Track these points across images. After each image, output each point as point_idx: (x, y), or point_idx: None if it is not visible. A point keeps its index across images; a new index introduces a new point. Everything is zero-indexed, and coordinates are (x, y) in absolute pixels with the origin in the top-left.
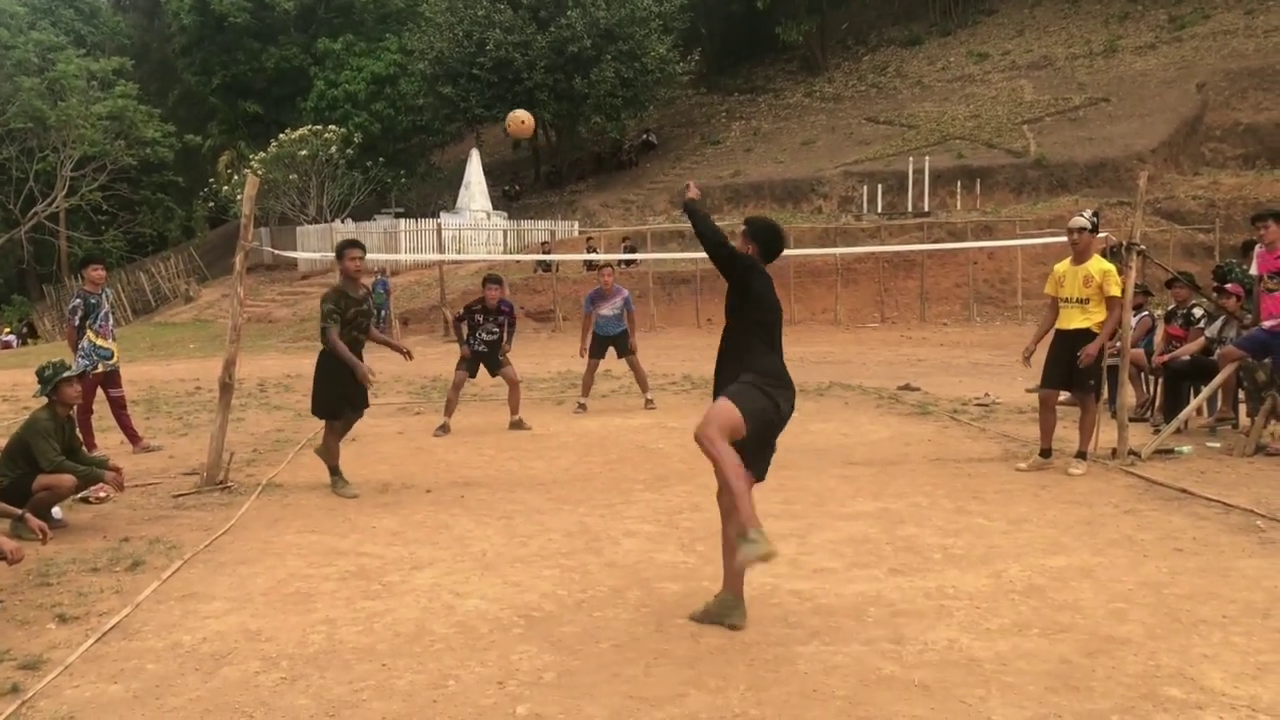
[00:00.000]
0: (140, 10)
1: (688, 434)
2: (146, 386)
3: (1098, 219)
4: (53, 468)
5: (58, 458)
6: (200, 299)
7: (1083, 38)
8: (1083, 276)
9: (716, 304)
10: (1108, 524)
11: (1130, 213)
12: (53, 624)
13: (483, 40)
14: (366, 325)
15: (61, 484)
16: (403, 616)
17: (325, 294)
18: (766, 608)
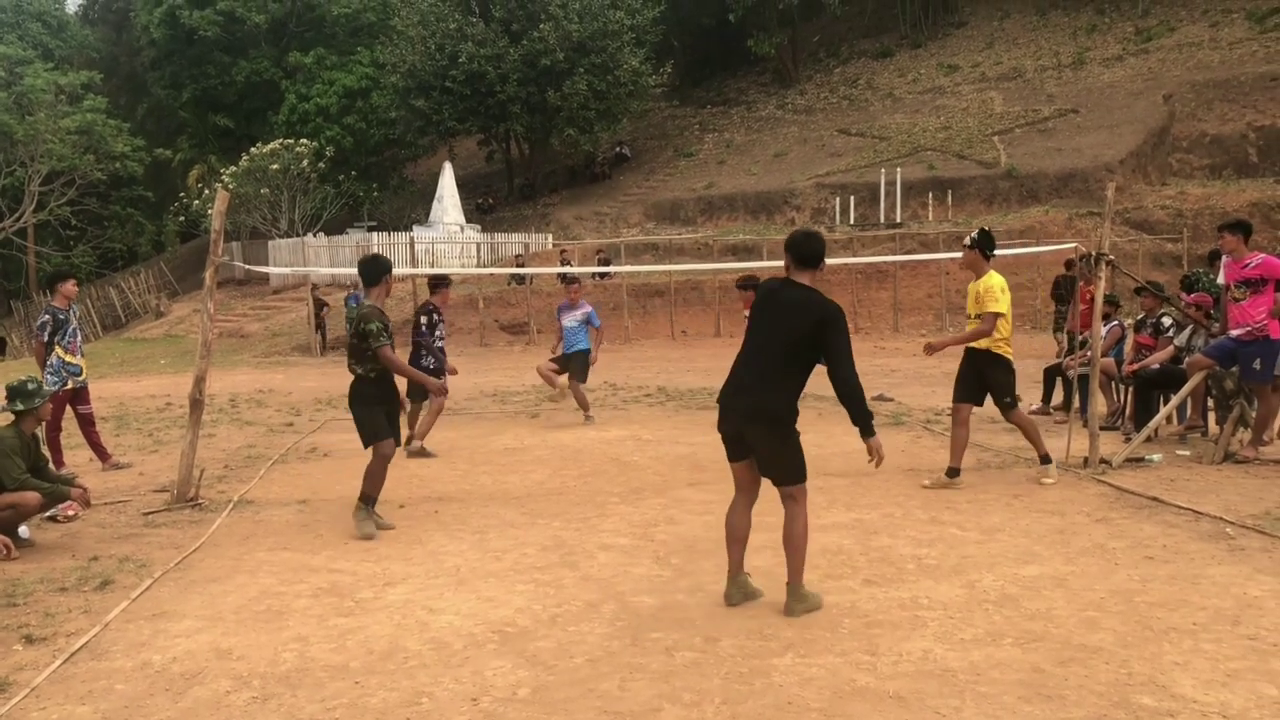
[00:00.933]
0: (109, 24)
1: (662, 446)
2: (116, 403)
3: (982, 235)
4: (16, 485)
5: (22, 475)
6: (171, 314)
7: (1051, 50)
8: (974, 294)
9: (690, 316)
10: (1080, 533)
11: (1100, 223)
12: (19, 645)
13: (455, 53)
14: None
15: (26, 501)
16: (375, 633)
17: (368, 312)
18: (742, 620)
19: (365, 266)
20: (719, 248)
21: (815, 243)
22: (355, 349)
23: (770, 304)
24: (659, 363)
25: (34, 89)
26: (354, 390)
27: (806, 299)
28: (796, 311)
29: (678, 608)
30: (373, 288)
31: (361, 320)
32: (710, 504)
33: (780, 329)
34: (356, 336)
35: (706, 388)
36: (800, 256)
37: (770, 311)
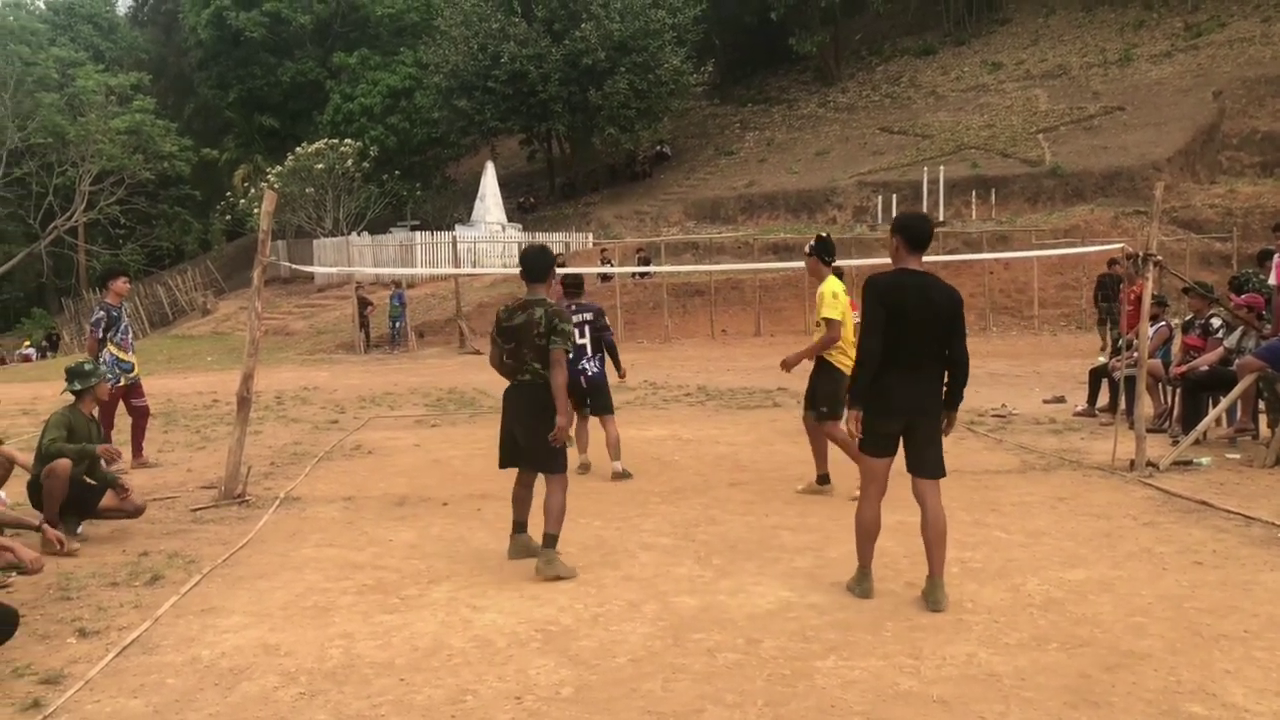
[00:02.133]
0: (158, 25)
1: (702, 445)
2: (164, 400)
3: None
4: (46, 451)
5: (51, 441)
6: (217, 311)
7: (1098, 46)
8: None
9: (730, 315)
10: (1126, 537)
11: (1146, 222)
12: (73, 638)
13: (497, 53)
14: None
15: (56, 470)
16: (420, 630)
17: (555, 310)
18: (784, 622)
19: (535, 259)
20: (760, 246)
21: (929, 225)
22: (541, 351)
23: (914, 297)
24: (699, 362)
25: (85, 90)
26: (541, 400)
27: (943, 286)
28: (942, 300)
29: (719, 608)
30: (540, 284)
31: (559, 318)
32: (751, 504)
33: (931, 321)
34: (546, 335)
35: (747, 387)
36: (919, 239)
37: (915, 304)
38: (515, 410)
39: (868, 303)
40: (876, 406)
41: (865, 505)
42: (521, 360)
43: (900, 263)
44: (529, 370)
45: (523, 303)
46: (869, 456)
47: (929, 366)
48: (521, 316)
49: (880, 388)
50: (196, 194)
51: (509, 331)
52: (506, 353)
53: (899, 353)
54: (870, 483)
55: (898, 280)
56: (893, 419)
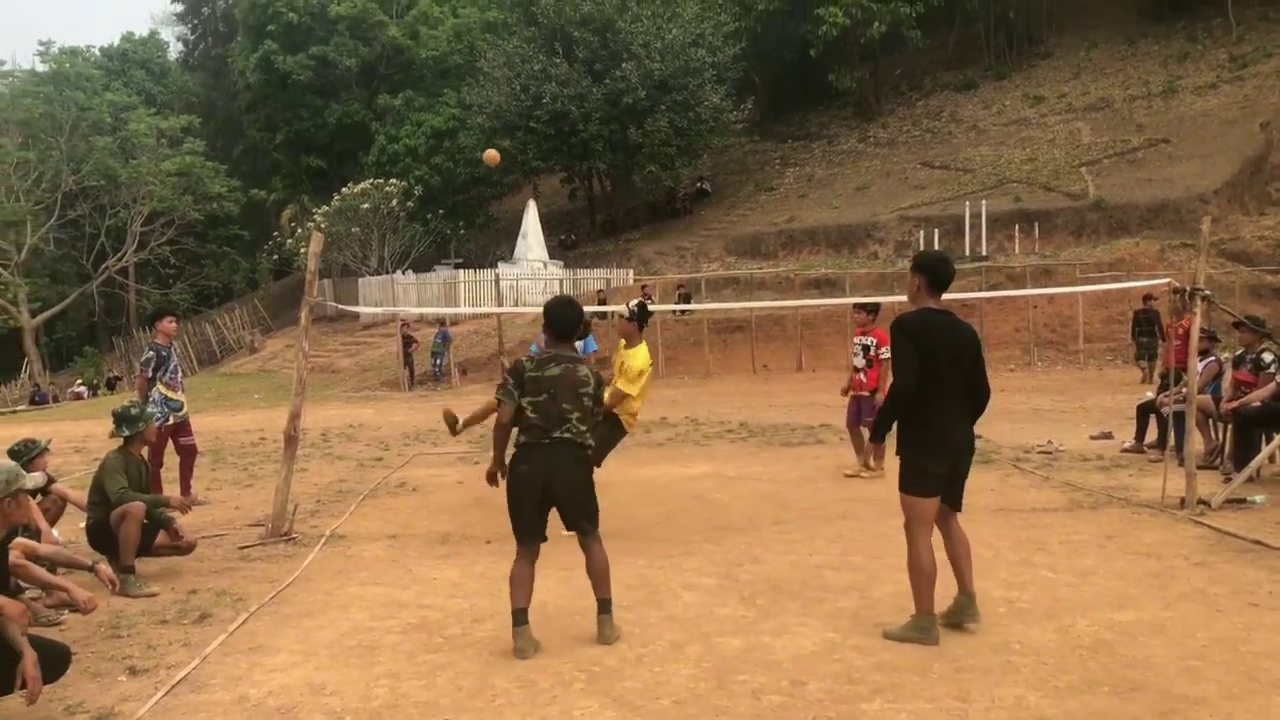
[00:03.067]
0: (208, 70)
1: (745, 483)
2: (212, 437)
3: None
4: (117, 500)
5: (122, 489)
6: (264, 349)
7: (1141, 79)
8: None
9: (771, 351)
10: (1178, 577)
11: (1194, 255)
12: (124, 676)
13: (539, 94)
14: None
15: (131, 511)
16: (465, 670)
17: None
18: (829, 664)
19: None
20: (800, 281)
21: (950, 265)
22: (589, 411)
23: (946, 336)
24: (740, 398)
25: (137, 134)
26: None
27: (964, 324)
28: (971, 338)
29: (764, 649)
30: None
31: (600, 381)
32: (795, 543)
33: (965, 359)
34: (595, 396)
35: (789, 423)
36: (941, 280)
37: (948, 343)
38: (550, 467)
39: (900, 342)
40: (928, 449)
41: (921, 549)
42: (559, 415)
43: (920, 302)
44: (570, 428)
45: (553, 355)
46: (920, 498)
47: (965, 404)
48: (556, 369)
49: (931, 430)
50: (244, 234)
51: (541, 383)
52: (534, 406)
53: (942, 394)
54: (922, 525)
55: (926, 319)
56: (945, 460)
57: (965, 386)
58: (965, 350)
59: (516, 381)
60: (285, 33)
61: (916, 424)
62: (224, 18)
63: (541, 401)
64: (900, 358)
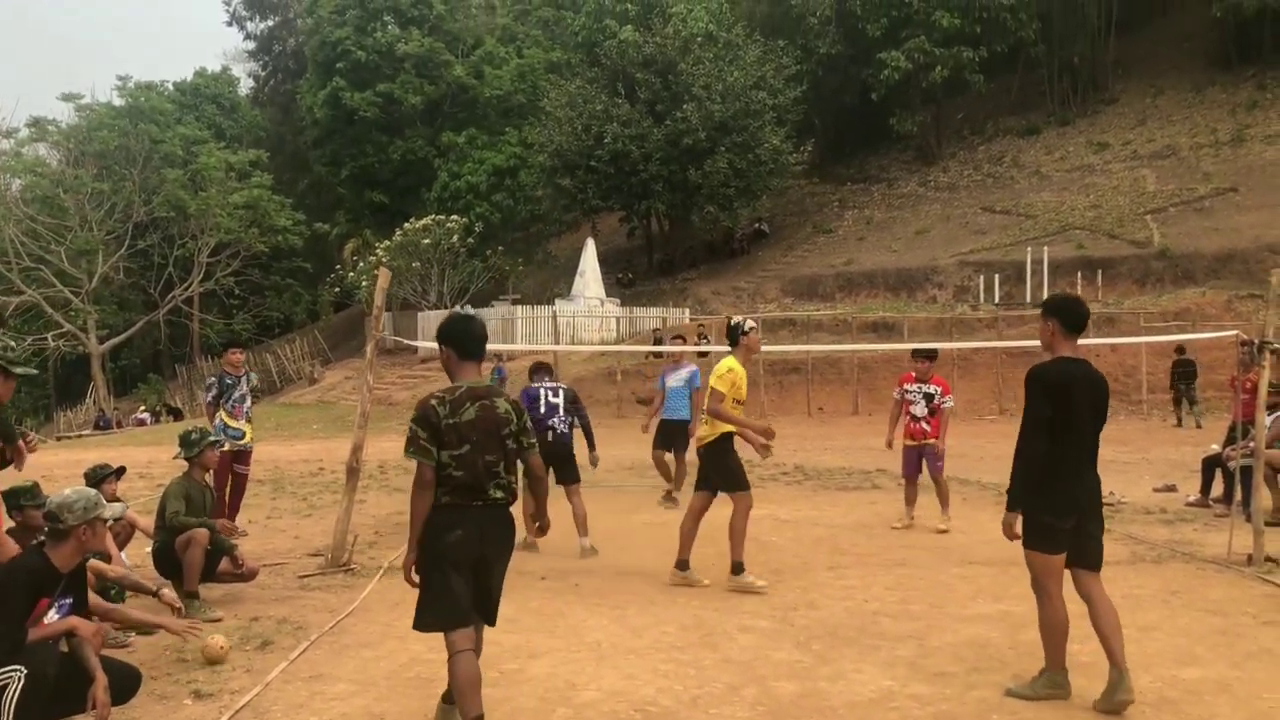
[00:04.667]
0: (276, 105)
1: (800, 527)
2: (272, 466)
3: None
4: (170, 523)
5: (174, 514)
6: (324, 380)
7: (1208, 127)
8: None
9: (828, 393)
10: (1245, 635)
11: (1262, 306)
12: (189, 700)
13: (600, 134)
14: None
15: (196, 537)
16: (521, 706)
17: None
18: (885, 712)
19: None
20: (858, 324)
21: (1085, 307)
22: (512, 455)
23: (1083, 390)
24: (796, 440)
25: (207, 167)
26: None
27: (1099, 375)
28: (1105, 390)
29: (819, 695)
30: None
31: (523, 412)
32: (851, 589)
33: (1098, 410)
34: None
35: (845, 467)
36: (1077, 323)
37: (1084, 397)
38: (485, 541)
39: (1035, 397)
40: (1058, 505)
41: (1054, 605)
42: (486, 470)
43: (1057, 349)
44: (501, 485)
45: (467, 390)
46: (1047, 554)
47: (1091, 457)
48: (471, 409)
49: (1060, 485)
50: (307, 266)
51: (458, 431)
52: (458, 462)
53: (1072, 447)
54: (1051, 580)
55: (1066, 370)
56: (1071, 516)
57: (1094, 439)
58: (1100, 400)
59: (431, 435)
60: (353, 70)
61: (1047, 478)
62: (294, 55)
63: (463, 455)
64: (1035, 414)
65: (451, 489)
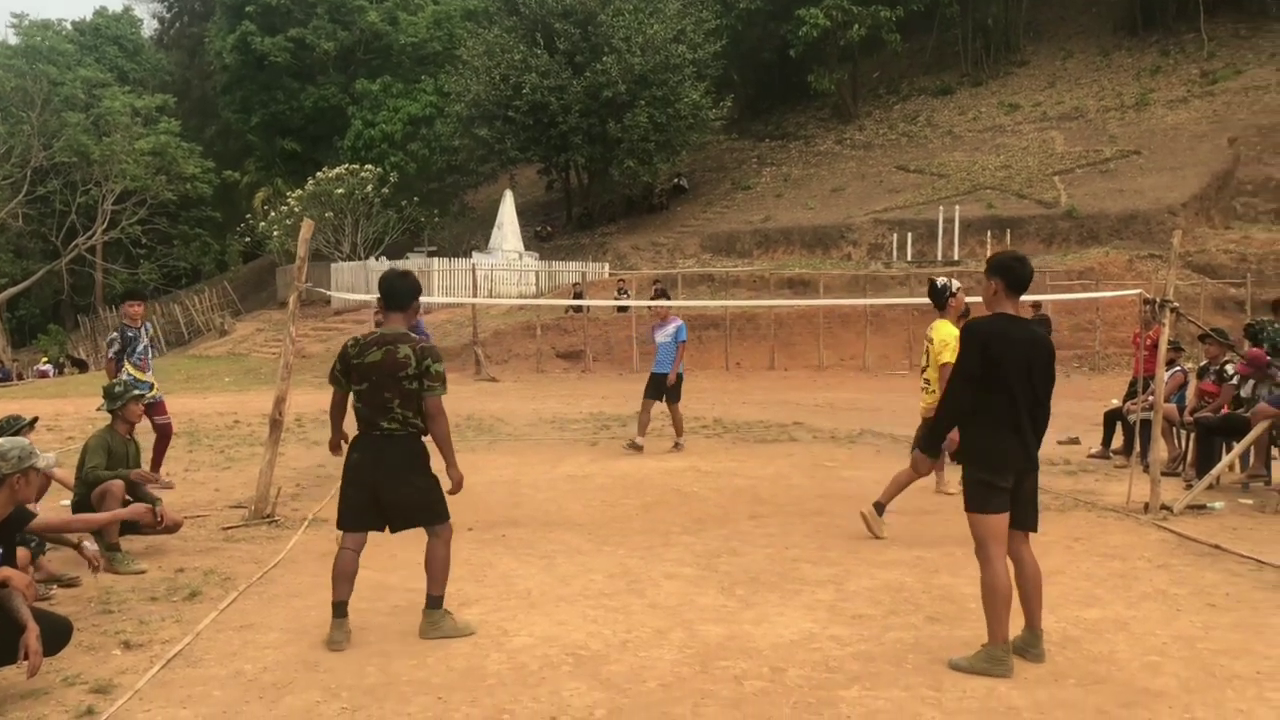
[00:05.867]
0: (183, 48)
1: (721, 478)
2: (186, 419)
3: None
4: (89, 478)
5: (93, 469)
6: (234, 332)
7: (1114, 90)
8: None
9: (745, 348)
10: (1141, 578)
11: (1162, 266)
12: (118, 650)
13: (519, 84)
14: None
15: (111, 489)
16: (454, 651)
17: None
18: (807, 652)
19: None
20: (775, 281)
21: (1029, 266)
22: (411, 397)
23: (1020, 348)
24: (714, 394)
25: (111, 111)
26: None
27: (1043, 336)
28: (1046, 351)
29: (744, 637)
30: (400, 314)
31: (429, 356)
32: (772, 537)
33: (1036, 371)
34: (418, 379)
35: (763, 420)
36: (1019, 282)
37: (1022, 355)
38: (378, 465)
39: (965, 350)
40: (994, 464)
41: (996, 569)
42: (382, 406)
43: (998, 307)
44: (395, 418)
45: (378, 336)
46: (989, 514)
47: (1034, 418)
48: (377, 353)
49: (998, 444)
50: (216, 215)
51: (361, 370)
52: (359, 396)
53: (1012, 406)
54: (994, 543)
55: (1001, 327)
56: (1009, 476)
57: (1034, 399)
58: (1039, 360)
59: (344, 367)
60: (263, 13)
61: (981, 435)
62: None
63: (364, 390)
64: (963, 367)
65: (359, 419)
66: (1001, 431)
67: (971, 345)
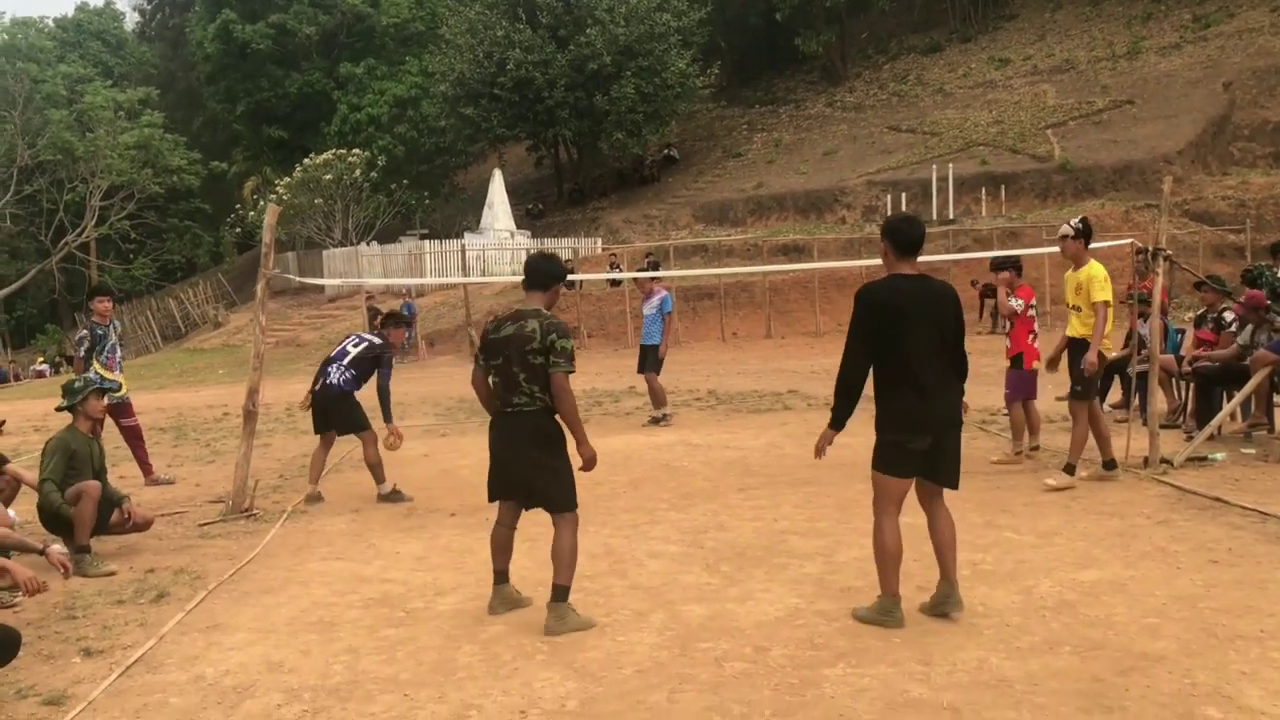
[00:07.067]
0: (165, 40)
1: (712, 450)
2: (175, 413)
3: (1084, 225)
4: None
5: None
6: (228, 324)
7: (1105, 40)
8: (1074, 284)
9: (740, 318)
10: (1140, 536)
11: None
12: (78, 658)
13: (503, 60)
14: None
15: (87, 490)
16: (426, 644)
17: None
18: (792, 629)
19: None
20: (769, 248)
21: (919, 227)
22: (538, 371)
23: (914, 302)
24: (709, 365)
25: (94, 106)
26: (544, 429)
27: (940, 285)
28: (949, 300)
29: (727, 616)
30: (539, 293)
31: (554, 332)
32: (761, 510)
33: (937, 324)
34: (544, 353)
35: (757, 390)
36: (907, 244)
37: (919, 310)
38: (512, 442)
39: (856, 315)
40: (904, 424)
41: (887, 528)
42: (512, 382)
43: (891, 269)
44: (524, 393)
45: (514, 312)
46: (890, 476)
47: (945, 373)
48: (510, 328)
49: (905, 404)
50: (206, 207)
51: (495, 345)
52: (494, 370)
53: (915, 362)
54: (890, 503)
55: (893, 286)
56: (923, 436)
57: (943, 354)
58: (944, 313)
59: (483, 344)
60: (243, 1)
61: (889, 397)
62: None
63: (499, 365)
64: (853, 331)
65: (496, 397)
66: (907, 392)
67: (860, 308)
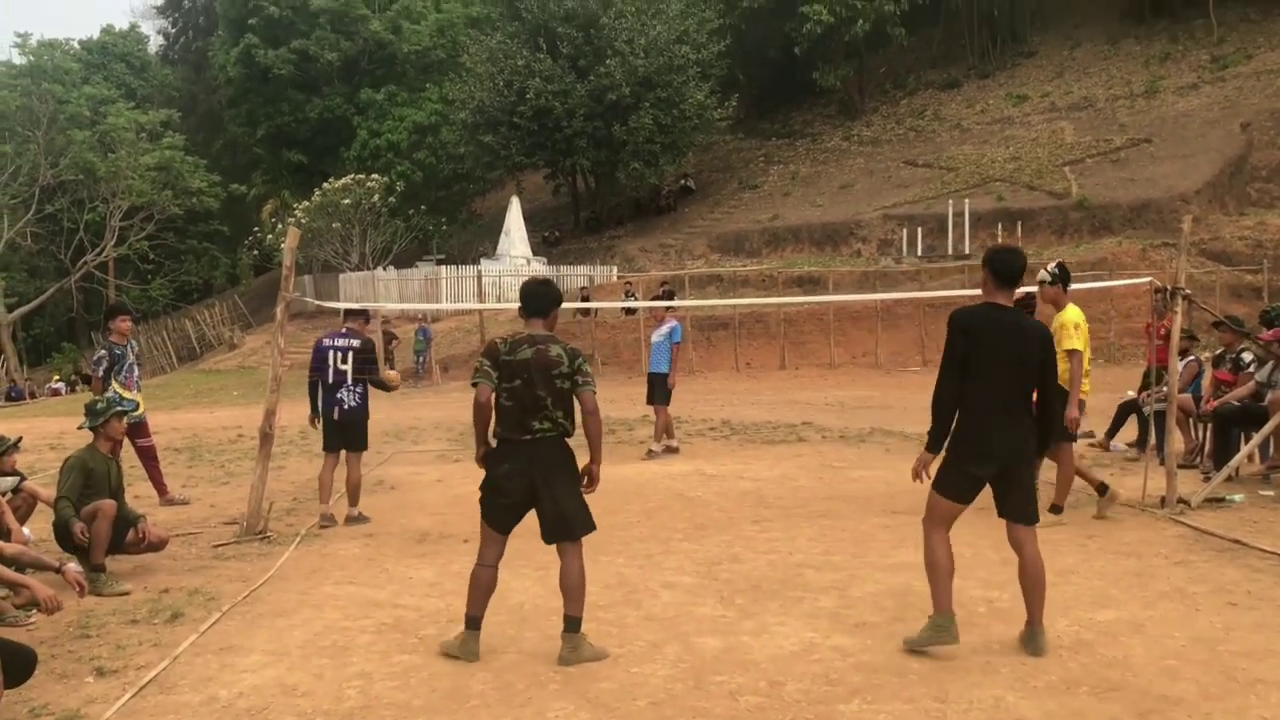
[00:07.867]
0: (188, 63)
1: (726, 481)
2: (190, 434)
3: (1061, 269)
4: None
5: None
6: (244, 346)
7: (1123, 79)
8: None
9: (755, 348)
10: (1158, 576)
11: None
12: (91, 677)
13: (523, 89)
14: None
15: (103, 509)
16: (439, 671)
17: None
18: (807, 664)
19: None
20: (784, 280)
21: (1019, 259)
22: (562, 395)
23: (1000, 333)
24: (723, 395)
25: (116, 127)
26: (565, 454)
27: (1032, 323)
28: (1038, 339)
29: (742, 650)
30: (541, 320)
31: (579, 356)
32: (775, 542)
33: (1020, 358)
34: (570, 377)
35: (771, 421)
36: (1006, 274)
37: (1002, 341)
38: (541, 468)
39: (949, 338)
40: (969, 452)
41: (937, 543)
42: (534, 405)
43: (989, 297)
44: (548, 418)
45: (527, 336)
46: (945, 499)
47: (1021, 408)
48: (528, 350)
49: (976, 432)
50: (225, 229)
51: (512, 367)
52: (509, 393)
53: (991, 394)
54: (941, 524)
55: (983, 314)
56: (987, 465)
57: (1023, 389)
58: (1029, 351)
59: (493, 363)
60: (266, 26)
61: (962, 420)
62: (205, 11)
63: (516, 388)
64: (947, 354)
65: (506, 423)
66: (981, 421)
67: (952, 330)
